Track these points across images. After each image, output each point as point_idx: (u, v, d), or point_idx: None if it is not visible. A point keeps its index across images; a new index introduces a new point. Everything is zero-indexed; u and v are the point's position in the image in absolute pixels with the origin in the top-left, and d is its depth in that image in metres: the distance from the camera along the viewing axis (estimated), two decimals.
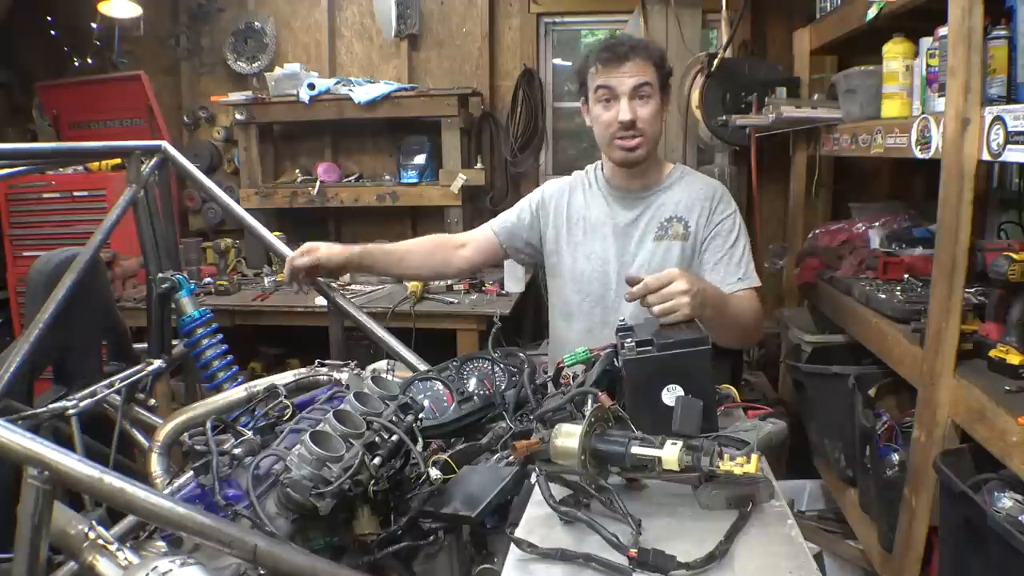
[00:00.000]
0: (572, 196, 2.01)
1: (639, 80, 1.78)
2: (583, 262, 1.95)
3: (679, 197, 1.91)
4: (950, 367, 1.66)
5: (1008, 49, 1.54)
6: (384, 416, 1.24)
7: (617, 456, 1.06)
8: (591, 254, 1.95)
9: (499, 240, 2.08)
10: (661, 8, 3.75)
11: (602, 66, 1.80)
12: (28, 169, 2.60)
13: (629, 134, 1.81)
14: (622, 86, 1.78)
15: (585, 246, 1.96)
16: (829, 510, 2.65)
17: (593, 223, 1.96)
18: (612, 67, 1.79)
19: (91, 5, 3.92)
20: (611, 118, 1.81)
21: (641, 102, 1.80)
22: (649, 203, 1.93)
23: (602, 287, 1.93)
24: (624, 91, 1.78)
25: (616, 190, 1.96)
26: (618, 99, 1.79)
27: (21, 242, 3.91)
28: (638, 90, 1.78)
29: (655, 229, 1.90)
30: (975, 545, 1.44)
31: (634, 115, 1.79)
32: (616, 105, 1.80)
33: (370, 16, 4.16)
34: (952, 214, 1.64)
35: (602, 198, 1.97)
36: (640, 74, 1.78)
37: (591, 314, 1.94)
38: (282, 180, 4.22)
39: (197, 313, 2.12)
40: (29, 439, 1.04)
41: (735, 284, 1.82)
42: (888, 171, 3.38)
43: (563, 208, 2.01)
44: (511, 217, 2.09)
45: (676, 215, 1.89)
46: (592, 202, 1.98)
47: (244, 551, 1.01)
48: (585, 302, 1.95)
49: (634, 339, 1.26)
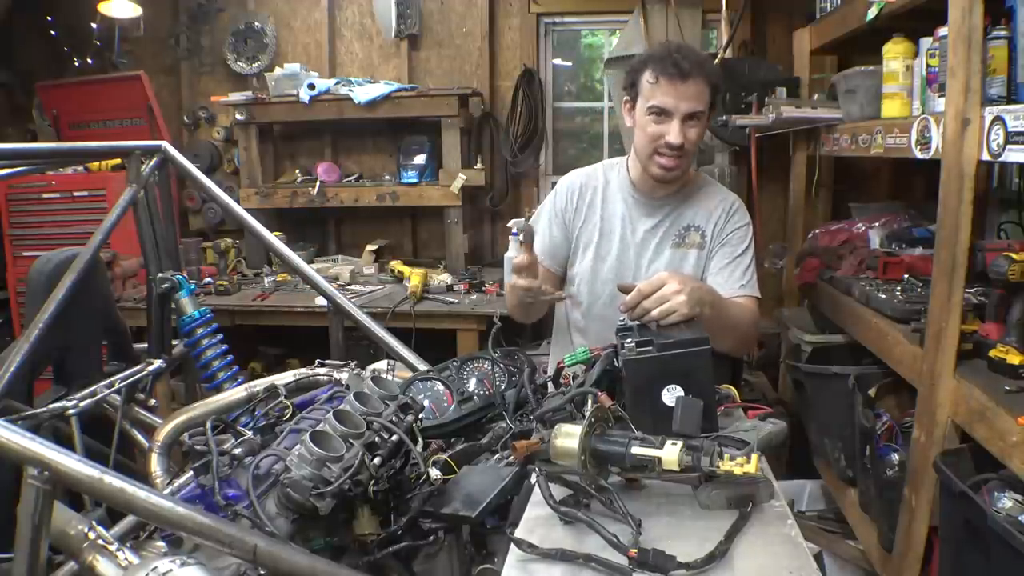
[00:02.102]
0: (592, 196, 1.98)
1: (695, 107, 1.75)
2: (599, 263, 1.94)
3: (698, 206, 1.92)
4: (950, 367, 1.66)
5: (1008, 49, 1.53)
6: (384, 416, 1.24)
7: (617, 456, 1.06)
8: (607, 255, 1.94)
9: (552, 272, 1.99)
10: (661, 8, 3.75)
11: (663, 78, 1.75)
12: (28, 169, 2.60)
13: (673, 154, 1.80)
14: (678, 110, 1.75)
15: (602, 246, 1.95)
16: (829, 510, 2.65)
17: (611, 225, 1.95)
18: (672, 84, 1.74)
19: (91, 5, 3.92)
20: (659, 133, 1.78)
21: (692, 123, 1.77)
22: (669, 211, 1.92)
23: (615, 289, 1.91)
24: (679, 114, 1.76)
25: (640, 195, 1.94)
26: (671, 118, 1.76)
27: (21, 242, 3.91)
28: (692, 115, 1.76)
29: (673, 236, 1.91)
30: (975, 545, 1.44)
31: (683, 139, 1.77)
32: (667, 122, 1.77)
33: (370, 16, 4.16)
34: (952, 214, 1.64)
35: (623, 200, 1.96)
36: (697, 100, 1.75)
37: (602, 315, 1.92)
38: (282, 180, 4.22)
39: (197, 313, 2.12)
40: (29, 439, 1.04)
41: (736, 290, 1.82)
42: (888, 171, 3.38)
43: (583, 208, 1.97)
44: (545, 242, 1.98)
45: (694, 224, 1.91)
46: (613, 202, 1.96)
47: (244, 551, 1.01)
48: (597, 303, 1.94)
49: (634, 339, 1.26)
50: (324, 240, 4.35)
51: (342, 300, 2.14)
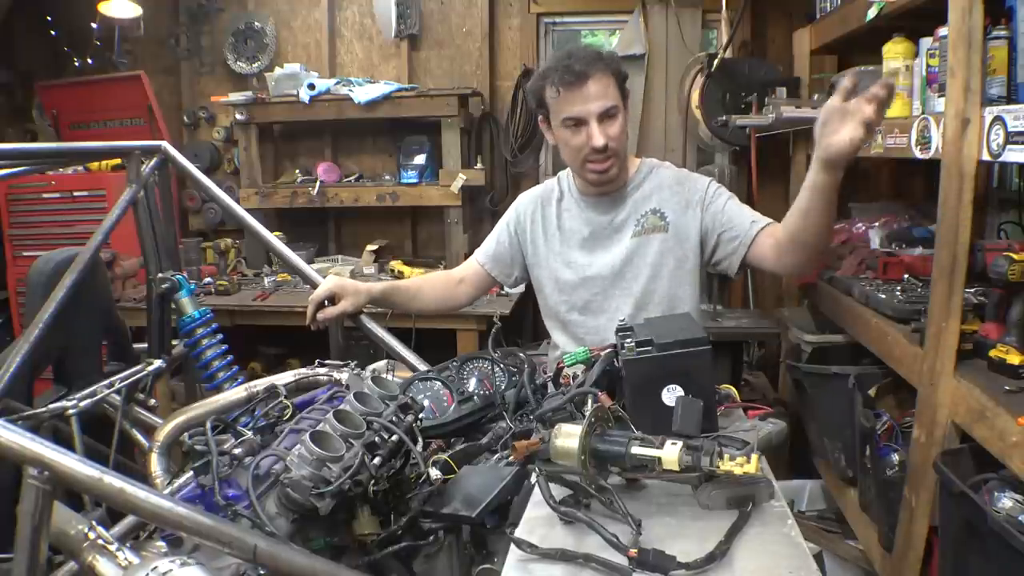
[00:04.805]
0: (546, 208, 2.00)
1: (604, 104, 1.74)
2: (565, 271, 1.95)
3: (650, 191, 1.91)
4: (950, 367, 1.66)
5: (1008, 49, 1.53)
6: (384, 416, 1.24)
7: (617, 456, 1.06)
8: (571, 262, 1.95)
9: (486, 270, 2.09)
10: (661, 8, 3.75)
11: (564, 89, 1.75)
12: (28, 169, 2.60)
13: (601, 157, 1.79)
14: (589, 114, 1.74)
15: (564, 255, 1.96)
16: (829, 510, 2.65)
17: (569, 232, 1.96)
18: (574, 90, 1.73)
19: (91, 5, 3.92)
20: (581, 143, 1.78)
21: (609, 121, 1.77)
22: (623, 204, 1.93)
23: (587, 293, 1.93)
24: (591, 117, 1.74)
25: (589, 197, 1.95)
26: (586, 124, 1.76)
27: (21, 242, 3.91)
28: (605, 113, 1.75)
29: (632, 226, 1.90)
30: (975, 545, 1.44)
31: (606, 138, 1.76)
32: (584, 129, 1.77)
33: (370, 16, 4.15)
34: (952, 214, 1.64)
35: (576, 206, 1.97)
36: (603, 96, 1.74)
37: (580, 320, 1.95)
38: (282, 180, 4.22)
39: (197, 313, 2.12)
40: (29, 439, 1.04)
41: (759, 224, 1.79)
42: (888, 171, 3.38)
43: (539, 220, 2.00)
44: (491, 244, 2.09)
45: (651, 208, 1.90)
46: (567, 211, 1.98)
47: (244, 551, 1.01)
48: (573, 311, 1.96)
49: (634, 339, 1.26)
50: (324, 240, 4.35)
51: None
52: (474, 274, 2.11)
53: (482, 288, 2.15)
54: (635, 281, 1.89)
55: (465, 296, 2.13)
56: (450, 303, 2.15)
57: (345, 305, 1.92)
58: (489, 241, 2.10)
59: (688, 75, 3.60)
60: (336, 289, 1.93)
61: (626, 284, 1.90)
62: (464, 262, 2.19)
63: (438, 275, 2.22)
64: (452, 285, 2.12)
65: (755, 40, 3.74)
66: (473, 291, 2.13)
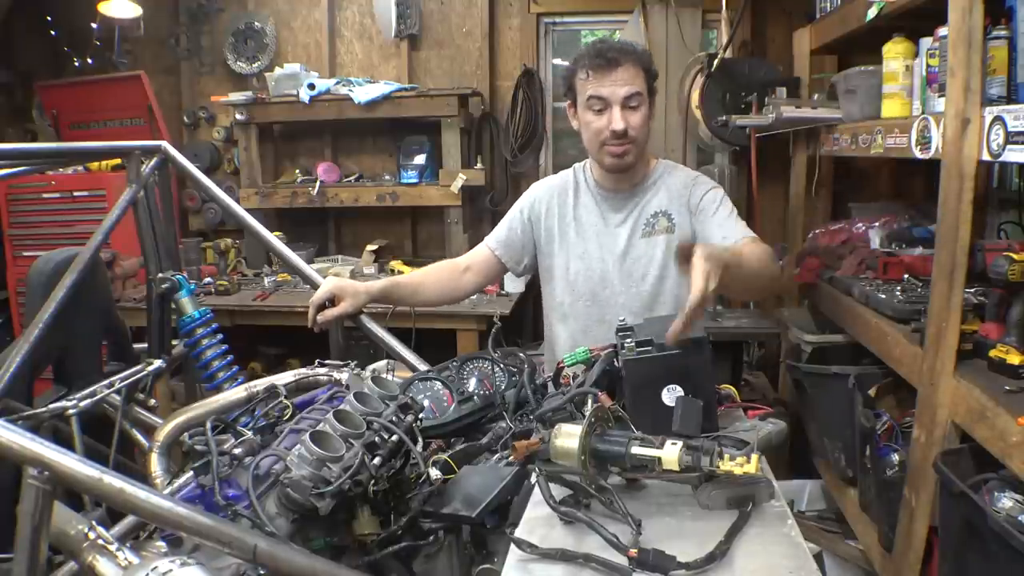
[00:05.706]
0: (563, 197, 2.02)
1: (630, 90, 1.80)
2: (576, 262, 1.97)
3: (662, 192, 1.94)
4: (950, 367, 1.66)
5: (1008, 49, 1.53)
6: (384, 416, 1.24)
7: (617, 456, 1.06)
8: (583, 254, 1.97)
9: (497, 256, 2.08)
10: (661, 8, 3.75)
11: (593, 73, 1.81)
12: (28, 169, 2.60)
13: (619, 142, 1.83)
14: (614, 96, 1.80)
15: (577, 246, 1.98)
16: (829, 510, 2.65)
17: (584, 224, 1.98)
18: (603, 74, 1.80)
19: (91, 5, 3.92)
20: (602, 126, 1.83)
21: (632, 108, 1.81)
22: (636, 202, 1.95)
23: (595, 287, 1.95)
24: (616, 101, 1.80)
25: (605, 191, 1.98)
26: (610, 107, 1.81)
27: (21, 242, 3.91)
28: (629, 100, 1.80)
29: (642, 226, 1.94)
30: (975, 545, 1.44)
31: (626, 124, 1.80)
32: (607, 113, 1.82)
33: (370, 16, 4.15)
34: (952, 214, 1.64)
35: (591, 199, 2.00)
36: (631, 83, 1.80)
37: (586, 314, 1.97)
38: (282, 180, 4.22)
39: (197, 313, 2.12)
40: (29, 439, 1.04)
41: (739, 238, 1.80)
42: (888, 171, 3.38)
43: (554, 209, 2.02)
44: (503, 230, 2.09)
45: (660, 210, 1.93)
46: (582, 202, 2.00)
47: (244, 551, 1.01)
48: (579, 302, 1.97)
49: (634, 339, 1.26)
50: (324, 240, 4.35)
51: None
52: (483, 261, 2.10)
53: (489, 277, 2.14)
54: (643, 281, 1.92)
55: (470, 285, 2.12)
56: (454, 294, 2.14)
57: (345, 306, 1.93)
58: (501, 227, 2.10)
59: (688, 75, 3.60)
60: (336, 290, 1.93)
61: (634, 283, 1.93)
62: (471, 250, 2.17)
63: (442, 265, 2.18)
64: (457, 274, 2.10)
65: (755, 40, 3.74)
66: (479, 279, 2.12)
